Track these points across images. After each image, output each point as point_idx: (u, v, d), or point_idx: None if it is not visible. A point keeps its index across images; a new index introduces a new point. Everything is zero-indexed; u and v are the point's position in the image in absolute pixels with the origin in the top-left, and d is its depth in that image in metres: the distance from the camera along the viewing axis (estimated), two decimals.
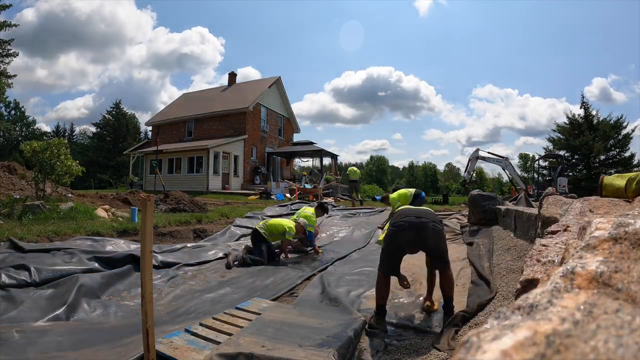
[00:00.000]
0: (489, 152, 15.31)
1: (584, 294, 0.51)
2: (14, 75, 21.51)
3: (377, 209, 10.02)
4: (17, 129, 40.76)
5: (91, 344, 2.32)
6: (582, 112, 25.53)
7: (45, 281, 3.25)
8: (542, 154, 24.51)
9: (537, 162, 19.64)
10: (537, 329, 0.42)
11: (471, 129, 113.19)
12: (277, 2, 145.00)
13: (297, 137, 25.53)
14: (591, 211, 1.76)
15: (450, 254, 2.87)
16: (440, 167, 70.31)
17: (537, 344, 0.40)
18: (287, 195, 15.19)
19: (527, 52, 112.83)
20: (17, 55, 21.51)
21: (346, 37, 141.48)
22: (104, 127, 38.56)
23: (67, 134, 44.47)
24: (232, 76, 25.25)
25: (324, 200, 12.43)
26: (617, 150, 24.78)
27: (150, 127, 25.26)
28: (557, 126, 26.52)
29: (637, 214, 0.83)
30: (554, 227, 1.47)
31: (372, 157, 70.99)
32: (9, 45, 20.81)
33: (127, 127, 39.11)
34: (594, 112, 25.20)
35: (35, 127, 43.59)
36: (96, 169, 32.66)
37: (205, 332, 2.36)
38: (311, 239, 5.46)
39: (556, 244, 1.25)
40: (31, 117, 45.53)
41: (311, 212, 5.58)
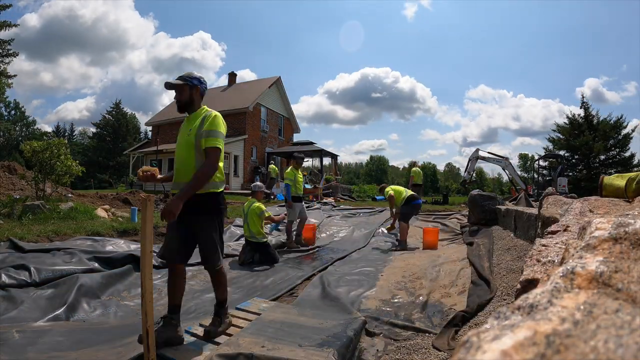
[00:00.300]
0: (489, 152, 15.28)
1: (584, 294, 0.51)
2: (14, 75, 21.53)
3: (377, 209, 10.02)
4: (17, 129, 40.78)
5: (91, 343, 2.32)
6: (582, 112, 25.51)
7: (45, 281, 3.25)
8: (541, 153, 24.49)
9: (537, 162, 19.58)
10: (537, 329, 0.42)
11: (467, 130, 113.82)
12: (275, 6, 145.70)
13: (297, 137, 25.55)
14: (591, 211, 1.76)
15: (450, 254, 2.88)
16: (440, 167, 70.24)
17: (537, 344, 0.40)
18: None
19: (520, 53, 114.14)
20: (17, 55, 21.50)
21: (344, 39, 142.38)
22: (104, 127, 38.46)
23: (67, 134, 44.54)
24: (232, 76, 25.20)
25: (324, 200, 12.44)
26: (617, 150, 24.73)
27: (150, 127, 25.22)
28: (557, 126, 26.49)
29: (637, 214, 0.83)
30: (554, 227, 1.47)
31: (372, 158, 70.86)
32: (9, 45, 20.79)
33: (127, 127, 39.04)
34: (594, 112, 25.20)
35: (35, 127, 43.70)
36: (96, 169, 32.63)
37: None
38: (289, 191, 5.93)
39: (556, 244, 1.25)
40: (31, 118, 45.60)
41: (290, 169, 6.10)
